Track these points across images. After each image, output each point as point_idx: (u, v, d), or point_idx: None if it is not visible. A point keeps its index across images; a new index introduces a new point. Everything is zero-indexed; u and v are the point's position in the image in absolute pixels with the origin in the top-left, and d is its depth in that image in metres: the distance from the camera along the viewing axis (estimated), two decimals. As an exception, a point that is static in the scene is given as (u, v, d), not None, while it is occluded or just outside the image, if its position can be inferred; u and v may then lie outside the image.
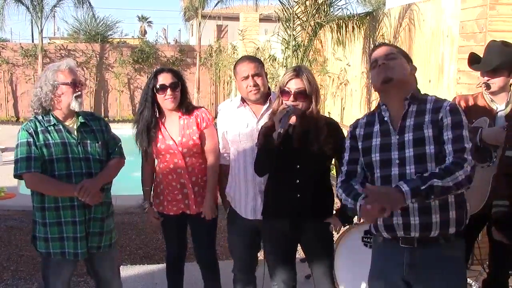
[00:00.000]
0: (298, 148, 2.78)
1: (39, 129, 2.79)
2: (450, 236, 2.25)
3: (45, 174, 2.76)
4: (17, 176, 2.79)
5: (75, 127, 2.88)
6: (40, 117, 2.84)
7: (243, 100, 3.14)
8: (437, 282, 2.25)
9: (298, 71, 2.79)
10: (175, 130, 3.21)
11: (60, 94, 2.81)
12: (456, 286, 2.28)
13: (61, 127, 2.83)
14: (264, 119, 3.02)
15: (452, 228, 2.24)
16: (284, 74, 2.83)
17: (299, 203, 2.81)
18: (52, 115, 2.84)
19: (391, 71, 2.28)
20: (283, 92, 2.76)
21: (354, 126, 2.51)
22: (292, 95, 2.73)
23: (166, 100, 3.16)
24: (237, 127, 3.11)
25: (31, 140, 2.75)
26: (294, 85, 2.75)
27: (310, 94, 2.76)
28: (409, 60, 2.38)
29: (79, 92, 2.84)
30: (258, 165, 2.86)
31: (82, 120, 2.89)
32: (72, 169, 2.79)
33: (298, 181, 2.81)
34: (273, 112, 2.80)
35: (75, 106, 2.83)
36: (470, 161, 2.13)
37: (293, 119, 2.75)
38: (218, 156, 3.28)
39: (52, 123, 2.82)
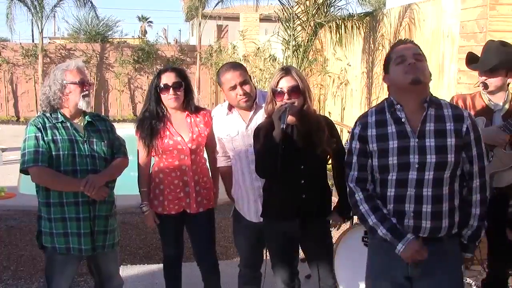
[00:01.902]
0: (302, 149, 2.78)
1: (47, 124, 2.84)
2: (452, 234, 2.32)
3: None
4: (24, 170, 2.82)
5: (82, 125, 2.93)
6: (48, 114, 2.88)
7: (230, 106, 3.16)
8: (439, 275, 2.29)
9: (286, 69, 2.78)
10: (183, 127, 3.23)
11: (68, 93, 2.86)
12: (456, 279, 2.35)
13: (68, 124, 2.88)
14: (253, 123, 3.04)
15: (456, 228, 2.32)
16: (274, 76, 2.80)
17: (305, 203, 2.81)
18: (60, 112, 2.89)
19: (421, 73, 2.25)
20: (276, 92, 2.73)
21: (363, 125, 2.38)
22: (286, 93, 2.71)
23: (169, 100, 3.18)
24: (229, 134, 3.15)
25: (39, 134, 2.80)
26: (285, 83, 2.73)
27: (303, 89, 2.75)
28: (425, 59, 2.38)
29: (87, 92, 2.88)
30: (261, 166, 2.83)
31: (89, 119, 2.95)
32: (78, 166, 2.83)
33: (303, 181, 2.80)
34: (268, 115, 2.79)
35: (82, 105, 2.88)
36: (488, 180, 2.36)
37: (291, 119, 2.75)
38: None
39: (60, 120, 2.87)
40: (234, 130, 3.13)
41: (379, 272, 2.42)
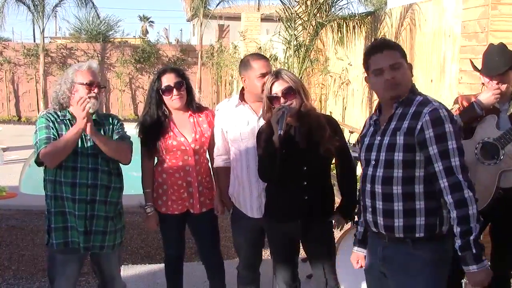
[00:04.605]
0: (304, 149, 2.76)
1: (56, 119, 2.89)
2: (418, 239, 2.24)
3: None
4: (39, 162, 2.83)
5: None
6: (58, 112, 2.93)
7: (241, 98, 3.13)
8: (402, 278, 2.29)
9: (276, 73, 2.78)
10: (186, 127, 3.22)
11: (75, 93, 2.88)
12: (420, 285, 2.27)
13: (74, 122, 2.88)
14: None
15: (420, 233, 2.23)
16: (265, 83, 2.80)
17: (307, 205, 2.80)
18: (68, 111, 2.92)
19: (400, 89, 2.24)
20: (272, 99, 2.74)
21: (364, 124, 2.58)
22: (281, 97, 2.71)
23: (173, 101, 3.17)
24: (238, 126, 3.09)
25: (50, 124, 2.85)
26: (278, 87, 2.73)
27: (297, 89, 2.75)
28: (404, 57, 2.31)
29: (93, 94, 2.87)
30: (263, 171, 2.83)
31: (94, 118, 2.94)
32: (79, 163, 2.85)
33: (305, 182, 2.80)
34: (267, 122, 2.78)
35: (87, 106, 2.86)
36: (465, 180, 2.14)
37: (291, 121, 2.74)
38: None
39: (67, 118, 2.90)
40: (244, 122, 3.09)
41: (367, 263, 2.55)
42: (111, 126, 3.02)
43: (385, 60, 2.24)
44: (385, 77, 2.24)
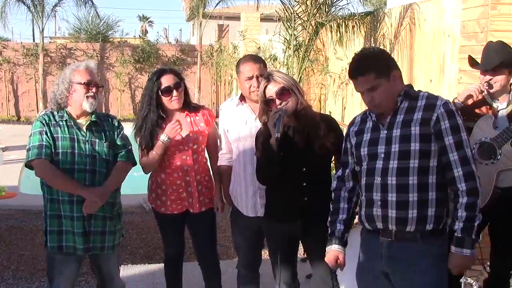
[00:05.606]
0: (301, 149, 2.76)
1: (51, 122, 2.89)
2: (427, 233, 2.28)
3: None
4: (29, 165, 2.86)
5: (85, 124, 2.94)
6: (55, 112, 2.93)
7: (241, 98, 3.16)
8: (412, 275, 2.29)
9: (267, 76, 2.79)
10: (184, 127, 3.20)
11: (73, 92, 2.88)
12: (432, 282, 2.30)
13: (72, 123, 2.91)
14: None
15: (430, 225, 2.28)
16: (260, 89, 2.81)
17: (307, 206, 2.80)
18: (66, 111, 2.92)
19: (381, 106, 2.33)
20: (267, 102, 2.74)
21: (351, 123, 2.57)
22: (276, 99, 2.72)
23: (173, 101, 3.16)
24: (237, 125, 3.13)
25: (44, 129, 2.84)
26: (272, 89, 2.73)
27: (290, 88, 2.74)
28: (390, 66, 2.34)
29: (92, 93, 2.89)
30: (261, 174, 2.83)
31: (94, 119, 2.95)
32: (76, 165, 2.85)
33: (304, 183, 2.79)
34: (265, 125, 2.78)
35: (85, 106, 2.89)
36: (475, 170, 2.26)
37: (288, 121, 2.74)
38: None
39: (64, 119, 2.90)
40: (242, 120, 3.12)
41: (363, 265, 2.53)
42: (112, 129, 3.02)
43: (361, 86, 2.34)
44: (365, 99, 2.36)
